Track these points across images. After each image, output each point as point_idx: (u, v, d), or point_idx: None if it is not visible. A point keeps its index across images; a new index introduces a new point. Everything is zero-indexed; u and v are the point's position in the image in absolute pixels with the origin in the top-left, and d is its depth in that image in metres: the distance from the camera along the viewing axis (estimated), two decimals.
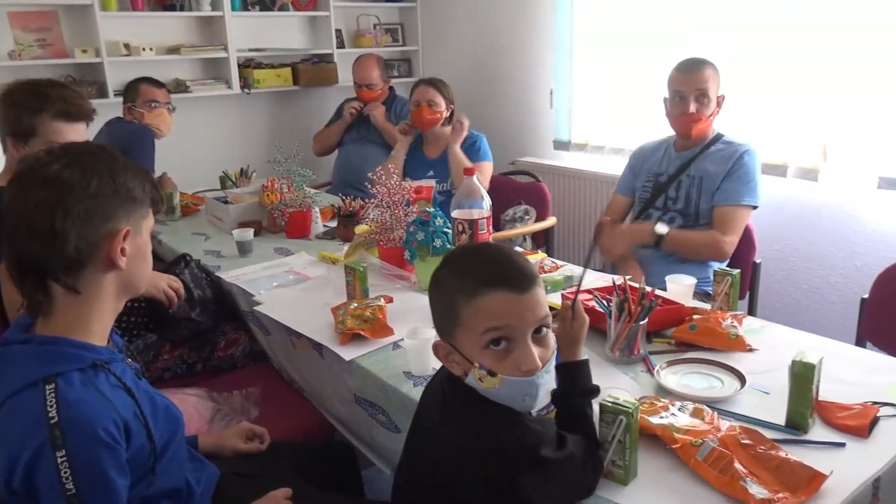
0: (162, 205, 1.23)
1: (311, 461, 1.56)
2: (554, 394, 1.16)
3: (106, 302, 1.11)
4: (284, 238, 2.55)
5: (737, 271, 1.69)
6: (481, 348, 1.03)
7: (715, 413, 1.24)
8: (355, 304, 1.71)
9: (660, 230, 2.22)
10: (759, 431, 1.17)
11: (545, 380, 1.06)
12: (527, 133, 4.02)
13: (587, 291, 1.68)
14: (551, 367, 1.08)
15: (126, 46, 3.58)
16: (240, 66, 3.96)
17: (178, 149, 3.63)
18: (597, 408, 1.13)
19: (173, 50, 3.77)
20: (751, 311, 2.35)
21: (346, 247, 2.26)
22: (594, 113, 3.57)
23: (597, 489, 1.09)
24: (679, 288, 1.77)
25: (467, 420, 1.07)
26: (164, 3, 3.69)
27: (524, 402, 1.05)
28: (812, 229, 2.84)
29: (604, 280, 1.89)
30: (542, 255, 2.14)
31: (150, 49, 3.65)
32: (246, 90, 3.98)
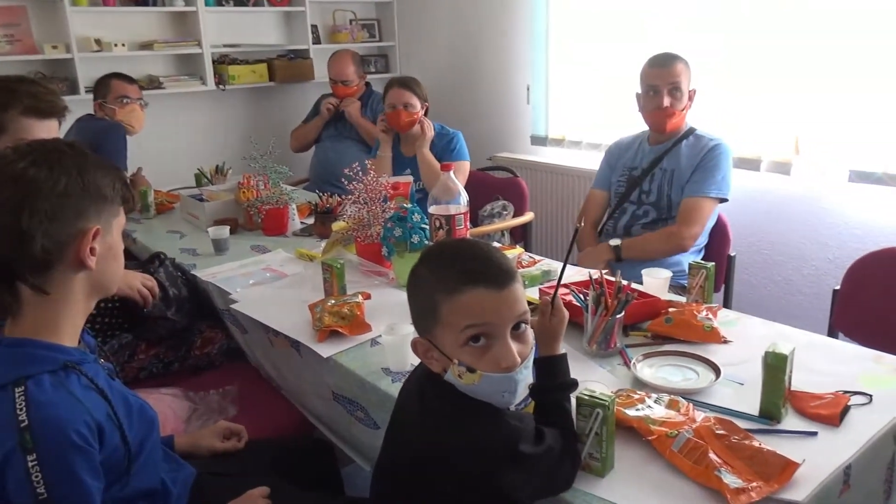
0: (134, 203, 1.21)
1: (290, 459, 1.55)
2: (532, 387, 1.17)
3: (76, 303, 1.10)
4: (261, 235, 2.53)
5: (711, 264, 1.71)
6: (460, 345, 1.03)
7: (690, 404, 1.25)
8: (333, 301, 1.70)
9: (613, 243, 2.30)
10: (733, 422, 1.19)
11: (524, 375, 1.06)
12: (504, 129, 4.02)
13: (564, 286, 1.68)
14: (530, 362, 1.08)
15: (97, 42, 3.52)
16: (214, 62, 3.91)
17: (152, 146, 3.59)
18: (574, 401, 1.14)
19: (146, 46, 3.71)
20: (726, 304, 2.38)
21: (323, 244, 2.25)
22: (571, 108, 3.58)
23: (574, 482, 1.09)
24: (655, 281, 1.79)
25: (446, 416, 1.07)
26: None
27: (503, 398, 1.06)
28: (785, 222, 2.88)
29: (581, 274, 1.90)
30: (520, 249, 2.14)
31: (123, 45, 3.59)
32: (221, 86, 3.94)
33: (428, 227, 1.93)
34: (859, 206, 2.65)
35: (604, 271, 1.62)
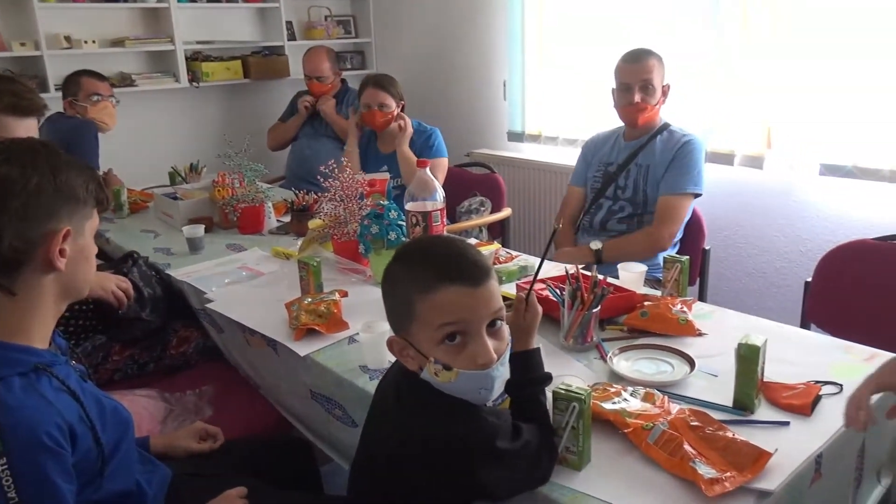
0: (108, 204, 1.19)
1: (268, 458, 1.55)
2: (507, 383, 1.17)
3: (46, 305, 1.08)
4: (237, 234, 2.51)
5: (686, 258, 1.72)
6: (436, 343, 1.03)
7: (665, 397, 1.26)
8: (309, 300, 1.70)
9: (594, 246, 2.28)
10: (707, 413, 1.20)
11: (500, 372, 1.06)
12: (481, 125, 4.03)
13: (541, 281, 1.69)
14: (506, 358, 1.08)
15: (67, 39, 3.46)
16: (187, 58, 3.87)
17: (124, 144, 3.54)
18: (550, 395, 1.15)
19: (117, 42, 3.65)
20: (701, 297, 2.41)
21: (300, 242, 2.24)
22: (547, 104, 3.59)
23: (551, 476, 1.10)
24: (630, 275, 1.80)
25: (423, 414, 1.07)
26: None
27: (480, 395, 1.06)
28: (759, 216, 2.92)
29: (557, 269, 1.91)
30: (497, 245, 2.15)
31: (93, 42, 3.53)
32: (195, 84, 3.89)
33: (405, 223, 1.93)
34: (830, 199, 2.69)
35: (580, 266, 1.63)
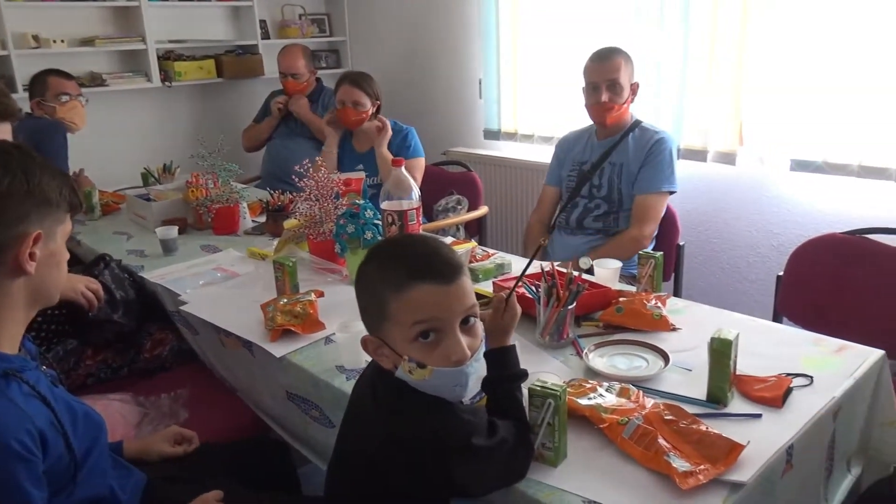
0: (81, 209, 1.18)
1: (245, 461, 1.54)
2: (483, 380, 1.17)
3: (15, 310, 1.06)
4: (211, 235, 2.48)
5: (659, 254, 1.74)
6: (410, 341, 1.03)
7: (640, 392, 1.27)
8: (285, 300, 1.69)
9: (584, 265, 2.21)
10: (681, 407, 1.21)
11: (475, 368, 1.07)
12: (457, 123, 4.03)
13: (516, 278, 1.69)
14: (480, 355, 1.09)
15: (35, 38, 3.40)
16: (160, 58, 3.82)
17: (96, 145, 3.49)
18: (526, 392, 1.15)
19: (87, 42, 3.59)
20: (676, 292, 2.43)
21: (275, 242, 2.22)
22: (523, 102, 3.61)
23: (528, 472, 1.10)
24: (605, 272, 1.82)
25: (399, 412, 1.07)
26: None
27: (455, 392, 1.06)
28: (732, 211, 2.96)
29: (533, 267, 1.91)
30: (473, 244, 2.15)
31: (62, 41, 3.47)
32: (167, 83, 3.84)
33: (381, 223, 1.92)
34: (801, 194, 2.74)
35: (556, 263, 1.64)
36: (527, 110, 3.60)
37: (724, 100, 2.78)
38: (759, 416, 1.22)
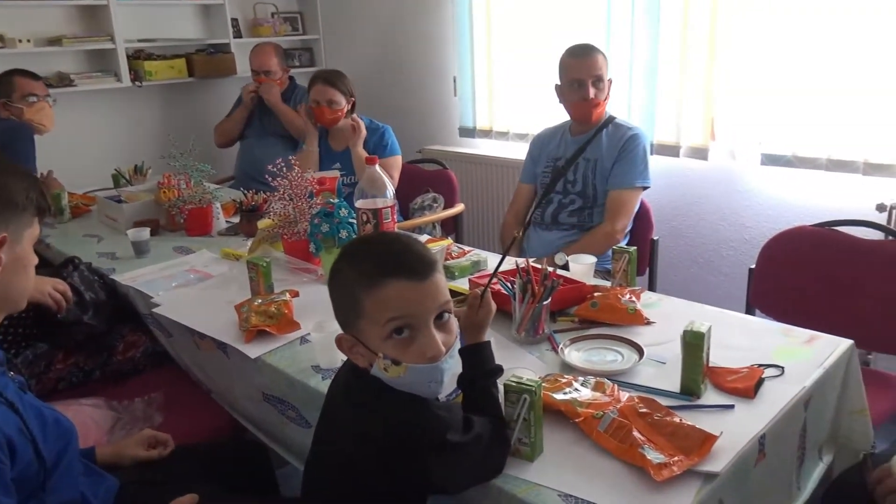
0: (49, 211, 1.15)
1: (222, 463, 1.52)
2: (458, 377, 1.17)
3: None
4: (184, 236, 2.46)
5: (633, 248, 1.76)
6: (384, 338, 1.02)
7: (615, 385, 1.28)
8: (259, 301, 1.67)
9: (559, 262, 2.23)
10: (655, 400, 1.22)
11: (450, 365, 1.07)
12: (432, 121, 4.02)
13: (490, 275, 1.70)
14: (455, 351, 1.09)
15: (0, 38, 3.33)
16: (129, 57, 3.76)
17: (64, 147, 3.42)
18: (502, 388, 1.15)
19: (54, 41, 3.53)
20: (651, 286, 2.45)
21: (249, 242, 2.20)
22: (497, 99, 3.61)
23: (504, 468, 1.11)
24: (580, 267, 1.83)
25: (374, 410, 1.07)
26: None
27: (430, 388, 1.06)
28: (704, 205, 2.99)
29: (508, 264, 1.92)
30: (449, 241, 2.15)
31: (28, 41, 3.40)
32: (137, 83, 3.79)
33: (355, 221, 1.91)
34: (771, 188, 2.78)
35: (531, 259, 1.64)
36: (502, 107, 3.60)
37: (696, 96, 2.81)
38: (731, 407, 1.24)
